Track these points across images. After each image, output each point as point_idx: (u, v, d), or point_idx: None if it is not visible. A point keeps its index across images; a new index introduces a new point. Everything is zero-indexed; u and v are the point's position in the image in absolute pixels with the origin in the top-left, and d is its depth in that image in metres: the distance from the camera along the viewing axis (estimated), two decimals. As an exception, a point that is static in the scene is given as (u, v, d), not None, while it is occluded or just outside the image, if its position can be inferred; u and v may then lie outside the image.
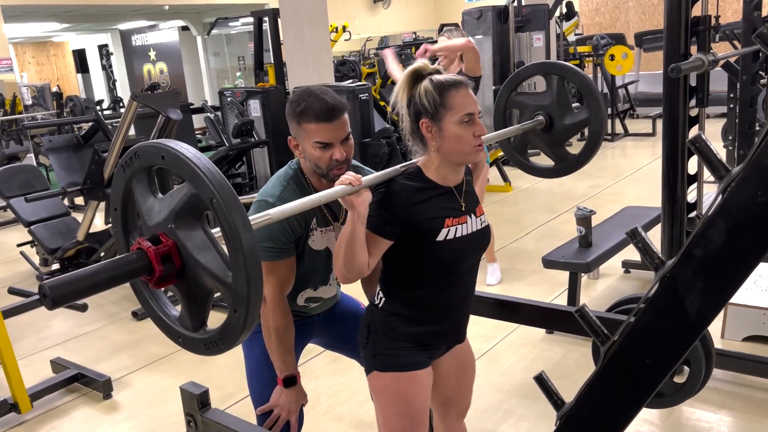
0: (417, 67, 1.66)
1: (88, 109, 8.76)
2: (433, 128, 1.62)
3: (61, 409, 3.21)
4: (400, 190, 1.64)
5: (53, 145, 4.67)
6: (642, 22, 12.53)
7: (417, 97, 1.63)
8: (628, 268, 4.26)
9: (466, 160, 1.67)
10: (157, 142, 1.17)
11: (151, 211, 1.23)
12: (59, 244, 5.01)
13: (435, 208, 1.66)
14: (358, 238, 1.56)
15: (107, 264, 1.14)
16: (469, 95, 1.64)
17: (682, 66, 2.43)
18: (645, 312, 0.90)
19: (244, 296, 1.11)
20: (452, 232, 1.66)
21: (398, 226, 1.63)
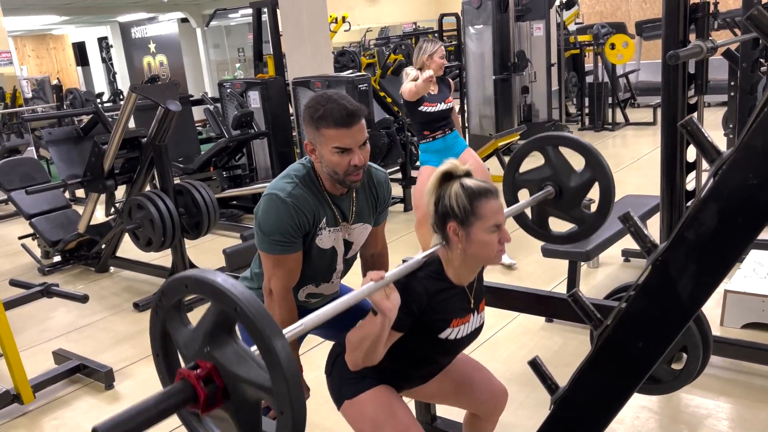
0: (447, 169, 1.68)
1: (87, 101, 8.76)
2: (460, 232, 1.65)
3: (64, 399, 3.23)
4: (422, 292, 1.67)
5: (53, 137, 4.67)
6: (643, 10, 12.47)
7: (447, 200, 1.65)
8: (628, 257, 4.26)
9: (488, 263, 1.73)
10: (180, 276, 1.21)
11: (189, 342, 1.26)
12: (60, 237, 5.04)
13: (447, 309, 1.71)
14: (384, 338, 1.60)
15: (155, 398, 1.16)
16: (498, 204, 1.67)
17: (680, 53, 2.42)
18: (637, 296, 0.91)
19: (285, 395, 1.12)
20: (455, 333, 1.74)
21: (412, 320, 1.67)
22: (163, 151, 4.26)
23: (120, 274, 5.05)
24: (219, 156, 5.89)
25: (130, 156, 4.47)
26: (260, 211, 1.85)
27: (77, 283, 4.93)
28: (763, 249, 3.50)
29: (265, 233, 1.84)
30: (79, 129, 4.79)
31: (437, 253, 1.73)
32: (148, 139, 4.30)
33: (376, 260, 2.21)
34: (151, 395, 1.18)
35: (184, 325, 1.28)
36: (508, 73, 7.74)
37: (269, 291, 1.91)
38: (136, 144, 4.44)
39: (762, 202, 0.79)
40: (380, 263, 2.21)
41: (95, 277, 5.05)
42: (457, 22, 8.53)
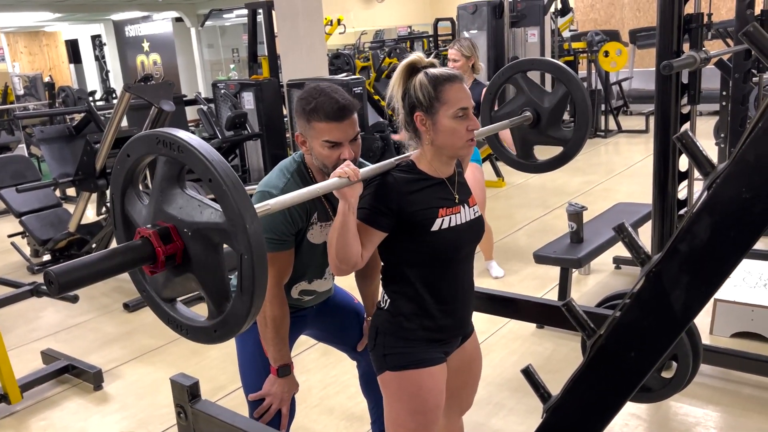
0: (412, 60, 1.67)
1: (80, 99, 8.71)
2: (427, 121, 1.64)
3: (52, 400, 3.21)
4: (393, 182, 1.65)
5: (45, 135, 4.65)
6: (637, 19, 12.55)
7: (412, 90, 1.64)
8: (619, 264, 4.28)
9: (458, 153, 1.69)
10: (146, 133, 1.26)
11: (141, 213, 1.32)
12: (50, 235, 5.00)
13: (428, 199, 1.67)
14: (349, 228, 1.57)
15: (113, 251, 1.18)
16: (463, 89, 1.65)
17: (674, 63, 2.44)
18: (631, 306, 0.91)
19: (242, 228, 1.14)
20: (446, 221, 1.67)
21: (392, 218, 1.64)
22: (156, 151, 4.25)
23: (110, 273, 5.02)
24: (212, 157, 5.88)
25: (122, 155, 4.45)
26: None
27: (67, 283, 4.89)
28: (752, 258, 3.52)
29: None
30: (72, 127, 4.76)
31: (411, 157, 1.71)
32: (141, 138, 4.28)
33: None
34: (110, 248, 1.23)
35: (139, 200, 1.34)
36: (502, 78, 7.76)
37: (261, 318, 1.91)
38: (128, 143, 4.41)
39: (755, 216, 0.80)
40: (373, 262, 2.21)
41: (85, 276, 5.02)
42: (452, 27, 8.56)
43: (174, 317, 1.35)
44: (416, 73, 1.66)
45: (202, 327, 1.30)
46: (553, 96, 2.35)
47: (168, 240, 1.23)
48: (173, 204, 1.26)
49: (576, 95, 2.32)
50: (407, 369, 1.72)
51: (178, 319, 1.34)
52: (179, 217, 1.24)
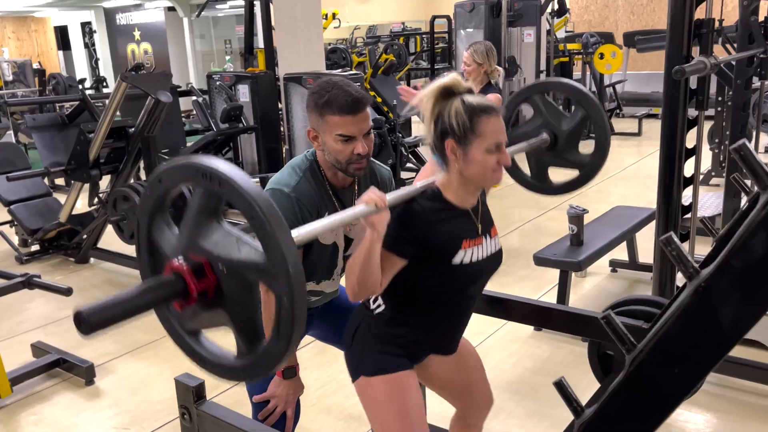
0: (449, 84, 1.60)
1: (71, 87, 8.58)
2: (458, 151, 1.58)
3: (42, 394, 3.15)
4: (419, 210, 1.61)
5: (37, 123, 4.56)
6: (630, 21, 12.59)
7: (446, 116, 1.58)
8: (615, 268, 4.28)
9: (485, 185, 1.66)
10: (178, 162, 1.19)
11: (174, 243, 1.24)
12: (40, 225, 4.92)
13: (452, 230, 1.64)
14: (374, 257, 1.52)
15: (144, 288, 1.13)
16: (499, 123, 1.60)
17: (686, 68, 2.42)
18: (676, 321, 0.88)
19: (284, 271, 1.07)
20: (468, 255, 1.65)
21: (415, 246, 1.60)
22: (152, 143, 4.19)
23: (100, 265, 4.95)
24: (206, 149, 5.80)
25: (116, 146, 4.38)
26: None
27: (56, 274, 4.81)
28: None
29: None
30: (65, 116, 4.68)
31: (436, 183, 1.66)
32: (137, 129, 4.22)
33: None
34: (139, 284, 1.16)
35: (168, 228, 1.25)
36: (498, 77, 7.75)
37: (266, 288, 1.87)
38: (123, 134, 4.34)
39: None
40: None
41: (75, 268, 4.94)
42: (448, 24, 8.53)
43: (198, 352, 1.27)
44: (451, 97, 1.60)
45: (230, 366, 1.23)
46: (572, 119, 2.32)
47: (201, 275, 1.17)
48: (208, 238, 1.18)
49: (596, 120, 2.30)
50: (381, 374, 1.70)
51: (202, 354, 1.27)
52: (215, 252, 1.17)
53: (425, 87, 1.65)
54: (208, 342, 1.28)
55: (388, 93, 7.39)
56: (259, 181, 5.30)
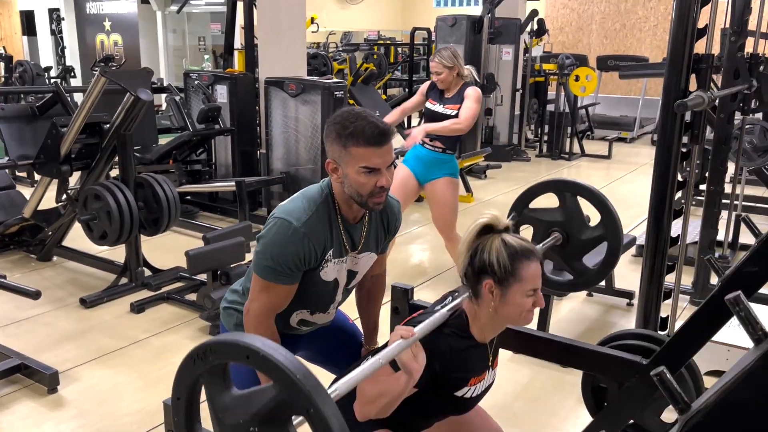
0: (488, 222, 1.63)
1: (38, 76, 8.28)
2: (496, 291, 1.59)
3: (0, 402, 2.97)
4: (446, 351, 1.62)
5: (5, 113, 4.36)
6: (603, 45, 12.82)
7: (486, 255, 1.59)
8: (591, 292, 4.30)
9: (517, 324, 1.69)
10: (241, 342, 1.08)
11: (228, 409, 1.14)
12: (1, 219, 4.73)
13: (467, 366, 1.66)
14: (403, 397, 1.53)
15: None
16: (538, 267, 1.62)
17: (688, 103, 2.43)
18: (740, 386, 0.85)
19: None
20: (471, 391, 1.69)
21: (428, 378, 1.60)
22: (128, 141, 4.04)
23: (64, 264, 4.75)
24: (180, 149, 5.65)
25: (89, 142, 4.21)
26: (269, 232, 1.73)
27: (15, 271, 4.60)
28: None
29: (264, 256, 1.73)
30: (35, 107, 4.49)
31: (463, 306, 1.66)
32: (112, 126, 4.06)
33: (375, 281, 2.14)
34: None
35: (226, 388, 1.16)
36: (476, 93, 7.77)
37: (247, 311, 1.79)
38: (97, 130, 4.18)
39: None
40: (379, 284, 2.16)
41: (36, 265, 4.74)
42: (429, 37, 8.53)
43: None
44: (491, 234, 1.62)
45: None
46: (590, 232, 2.33)
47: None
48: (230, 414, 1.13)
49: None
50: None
51: None
52: (240, 421, 1.10)
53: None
54: None
55: (367, 103, 7.34)
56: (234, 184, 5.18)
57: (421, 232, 5.72)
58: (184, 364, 1.16)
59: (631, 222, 6.08)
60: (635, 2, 12.51)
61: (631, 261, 4.92)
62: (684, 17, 2.54)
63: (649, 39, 12.52)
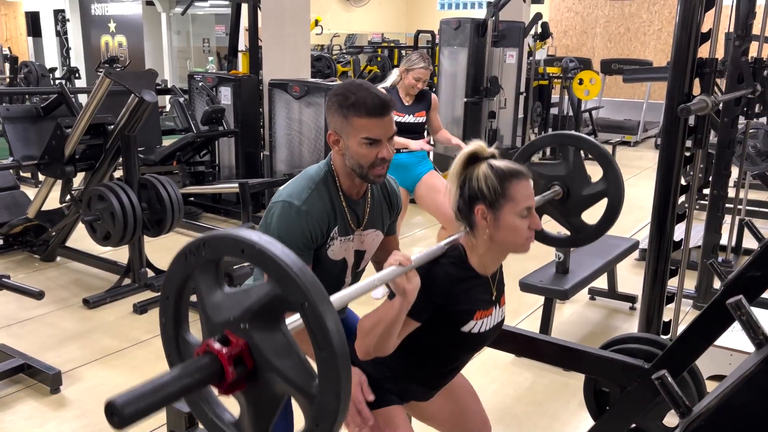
0: (474, 150, 1.61)
1: (43, 77, 8.31)
2: (489, 216, 1.57)
3: (3, 401, 2.98)
4: (443, 277, 1.59)
5: (11, 114, 4.37)
6: (607, 49, 12.81)
7: (474, 181, 1.58)
8: (594, 296, 4.29)
9: (516, 250, 1.64)
10: (236, 235, 1.06)
11: (218, 307, 1.11)
12: (5, 219, 4.73)
13: (470, 300, 1.63)
14: (400, 323, 1.49)
15: (177, 374, 1.02)
16: (529, 187, 1.60)
17: (691, 107, 2.43)
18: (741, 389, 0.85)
19: (332, 411, 1.00)
20: (478, 325, 1.64)
21: (432, 312, 1.59)
22: (132, 142, 4.05)
23: (67, 265, 4.76)
24: (184, 150, 5.67)
25: (93, 143, 4.22)
26: (272, 218, 1.73)
27: (19, 271, 4.61)
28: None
29: None
30: (40, 108, 4.50)
31: (460, 241, 1.65)
32: (116, 127, 4.07)
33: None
34: (173, 369, 1.05)
35: (218, 286, 1.13)
36: (479, 96, 7.77)
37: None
38: (101, 131, 4.19)
39: None
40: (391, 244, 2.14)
41: (40, 266, 4.75)
42: (432, 39, 8.53)
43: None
44: (477, 162, 1.60)
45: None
46: (592, 187, 2.32)
47: (227, 344, 1.07)
48: (220, 310, 1.10)
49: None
50: (373, 409, 1.69)
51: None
52: (231, 317, 1.08)
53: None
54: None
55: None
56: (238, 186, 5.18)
57: (425, 234, 5.72)
58: (175, 260, 1.13)
59: (634, 226, 6.07)
60: (639, 6, 12.51)
61: (634, 265, 4.91)
62: (688, 21, 2.55)
63: (653, 43, 12.52)
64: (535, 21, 8.67)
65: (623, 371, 1.99)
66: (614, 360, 1.99)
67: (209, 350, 1.05)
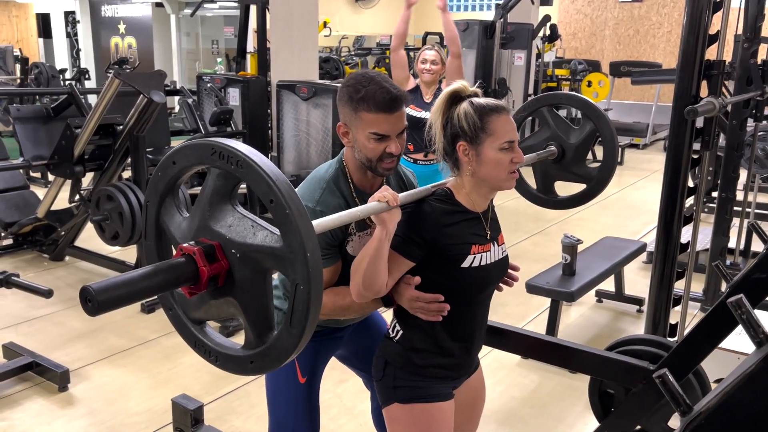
0: (456, 89, 1.62)
1: (53, 78, 8.37)
2: (470, 152, 1.58)
3: (12, 398, 3.01)
4: (429, 211, 1.59)
5: (21, 114, 4.41)
6: (617, 51, 12.77)
7: (455, 119, 1.59)
8: (601, 298, 4.28)
9: (500, 186, 1.63)
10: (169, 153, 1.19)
11: (185, 227, 1.21)
12: (15, 219, 4.76)
13: (462, 234, 1.61)
14: (382, 255, 1.50)
15: (154, 269, 1.09)
16: (510, 121, 1.60)
17: (698, 109, 2.42)
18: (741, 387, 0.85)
19: (302, 257, 1.05)
20: (477, 259, 1.62)
21: (423, 249, 1.58)
22: (141, 142, 4.08)
23: (76, 264, 4.79)
24: (192, 151, 5.69)
25: (102, 143, 4.25)
26: None
27: (28, 271, 4.65)
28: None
29: None
30: (50, 108, 4.54)
31: (447, 184, 1.65)
32: (125, 127, 4.10)
33: None
34: (149, 266, 1.12)
35: (178, 212, 1.23)
36: (487, 98, 7.77)
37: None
38: (110, 131, 4.22)
39: None
40: None
41: (49, 265, 4.78)
42: (441, 41, 8.53)
43: (202, 341, 1.24)
44: (459, 102, 1.60)
45: (236, 356, 1.19)
46: (580, 132, 2.32)
47: (212, 259, 1.13)
48: (221, 221, 1.15)
49: (604, 132, 2.30)
50: (418, 402, 1.66)
51: (207, 344, 1.23)
52: (228, 236, 1.14)
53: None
54: (214, 333, 1.26)
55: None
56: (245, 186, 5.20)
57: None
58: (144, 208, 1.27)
59: (642, 229, 6.06)
60: (649, 8, 12.47)
61: (642, 268, 4.90)
62: (695, 23, 2.54)
63: (662, 45, 12.47)
64: (543, 23, 8.67)
65: (628, 373, 1.98)
66: (619, 362, 1.98)
67: (193, 258, 1.11)
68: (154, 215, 1.25)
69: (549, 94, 2.46)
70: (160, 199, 1.24)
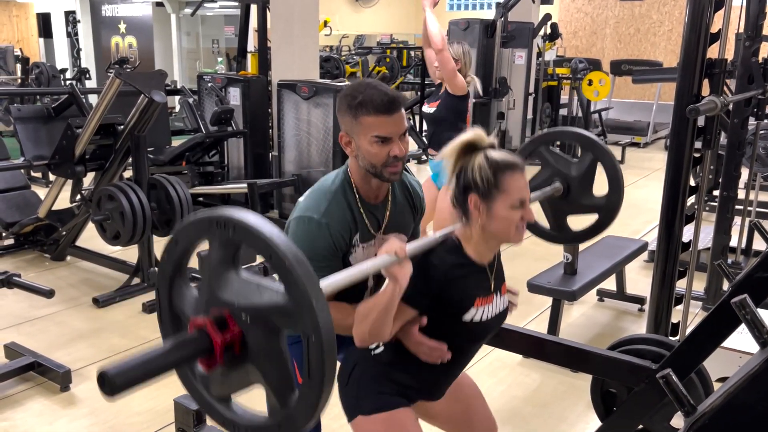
0: (472, 139, 1.60)
1: (54, 78, 8.37)
2: (481, 206, 1.58)
3: (14, 398, 3.01)
4: (438, 265, 1.60)
5: (22, 114, 4.41)
6: (617, 50, 12.77)
7: (469, 171, 1.58)
8: (602, 297, 4.28)
9: (508, 240, 1.63)
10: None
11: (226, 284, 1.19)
12: (16, 219, 4.77)
13: (468, 287, 1.63)
14: (392, 310, 1.50)
15: (167, 348, 1.10)
16: (523, 179, 1.60)
17: (700, 108, 2.42)
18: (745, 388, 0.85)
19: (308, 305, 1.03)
20: (479, 313, 1.64)
21: (430, 300, 1.59)
22: (141, 142, 4.08)
23: (77, 264, 4.80)
24: (193, 151, 5.69)
25: (103, 143, 4.26)
26: (294, 236, 1.70)
27: (29, 270, 4.65)
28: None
29: None
30: (51, 108, 4.54)
31: (455, 233, 1.66)
32: (126, 127, 4.10)
33: None
34: (163, 345, 1.12)
35: (233, 265, 1.19)
36: (488, 97, 7.76)
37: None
38: (111, 131, 4.22)
39: None
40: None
41: (50, 265, 4.79)
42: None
43: (230, 419, 1.23)
44: (474, 152, 1.60)
45: (265, 426, 1.18)
46: (581, 164, 2.33)
47: (224, 326, 1.13)
48: (228, 288, 1.15)
49: (605, 161, 2.31)
50: (380, 412, 1.67)
51: (235, 421, 1.22)
52: (236, 303, 1.13)
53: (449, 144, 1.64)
54: (239, 407, 1.24)
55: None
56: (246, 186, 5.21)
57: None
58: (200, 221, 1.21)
59: (643, 227, 6.05)
60: (650, 7, 12.45)
61: (643, 266, 4.89)
62: (697, 22, 2.54)
63: (663, 44, 12.46)
64: (544, 22, 8.65)
65: (630, 372, 1.98)
66: (621, 361, 1.98)
67: (205, 330, 1.09)
68: (167, 301, 1.25)
69: (543, 133, 2.47)
70: (170, 282, 1.24)
